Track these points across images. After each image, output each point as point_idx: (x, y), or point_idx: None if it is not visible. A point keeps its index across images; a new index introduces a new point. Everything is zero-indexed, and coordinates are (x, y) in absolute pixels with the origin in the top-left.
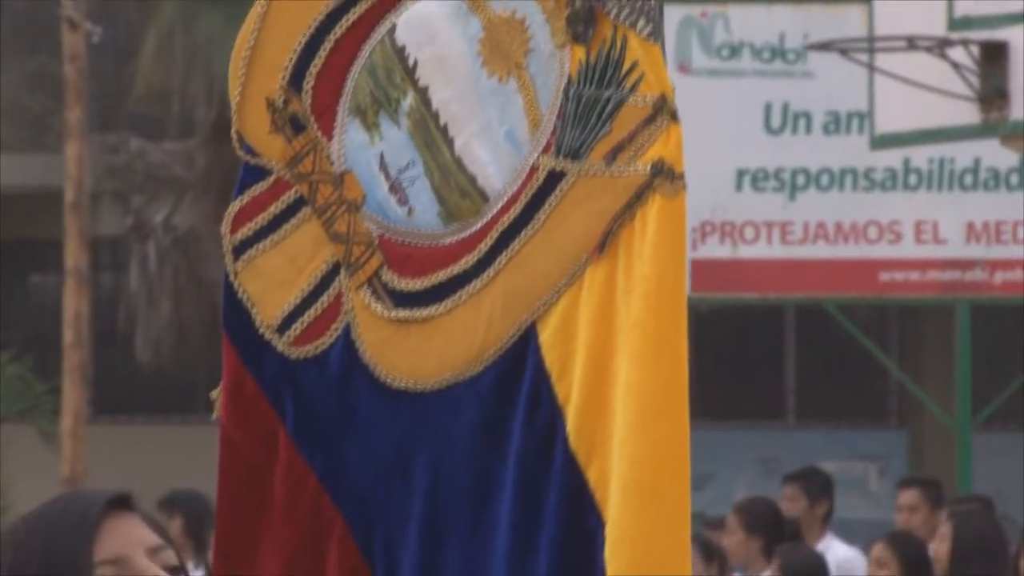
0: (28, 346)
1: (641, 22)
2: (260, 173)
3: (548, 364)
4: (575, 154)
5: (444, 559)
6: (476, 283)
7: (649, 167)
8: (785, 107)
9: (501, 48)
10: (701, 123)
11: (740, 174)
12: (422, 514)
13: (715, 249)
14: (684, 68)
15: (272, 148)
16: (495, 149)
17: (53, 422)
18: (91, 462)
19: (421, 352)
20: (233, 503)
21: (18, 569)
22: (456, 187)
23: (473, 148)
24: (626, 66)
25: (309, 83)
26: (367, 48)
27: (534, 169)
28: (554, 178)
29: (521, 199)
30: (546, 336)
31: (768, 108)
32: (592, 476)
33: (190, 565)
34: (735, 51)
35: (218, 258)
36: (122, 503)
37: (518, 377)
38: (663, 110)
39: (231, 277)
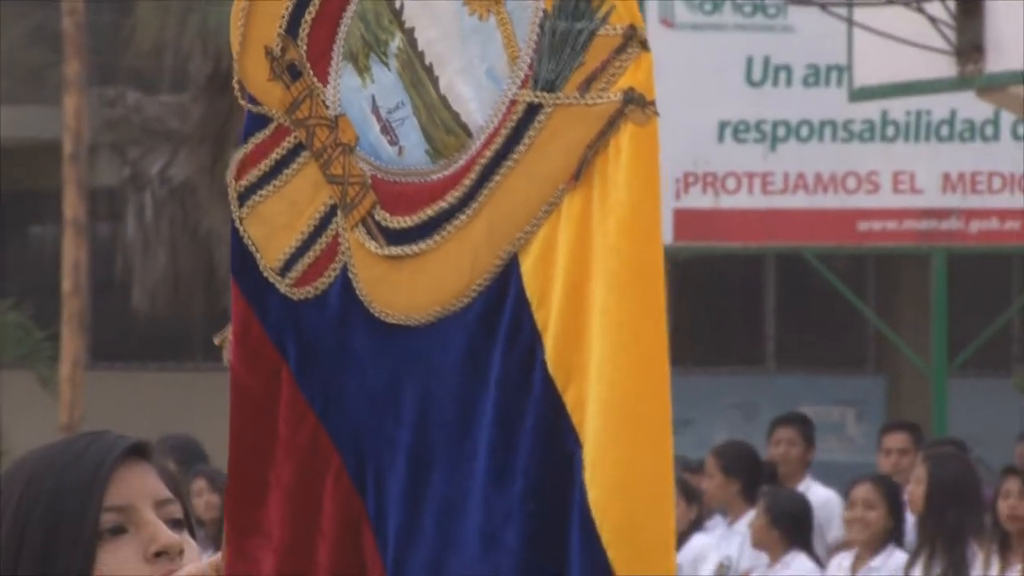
0: (28, 294)
1: None
2: (262, 121)
3: (529, 292)
4: (551, 86)
5: (429, 486)
6: (462, 217)
7: (621, 95)
8: (766, 60)
9: None
10: (684, 76)
11: (722, 126)
12: (410, 444)
13: (697, 199)
14: (667, 22)
15: (271, 96)
16: (477, 86)
17: (52, 368)
18: (89, 408)
19: (413, 287)
20: (243, 444)
21: (28, 502)
22: (442, 124)
23: (456, 85)
24: None
25: (304, 31)
26: None
27: (513, 103)
28: (532, 110)
29: (502, 133)
30: (527, 265)
31: (749, 61)
32: (569, 400)
33: None
34: (717, 5)
35: (212, 208)
36: (139, 452)
37: (500, 306)
38: (633, 39)
39: (237, 224)
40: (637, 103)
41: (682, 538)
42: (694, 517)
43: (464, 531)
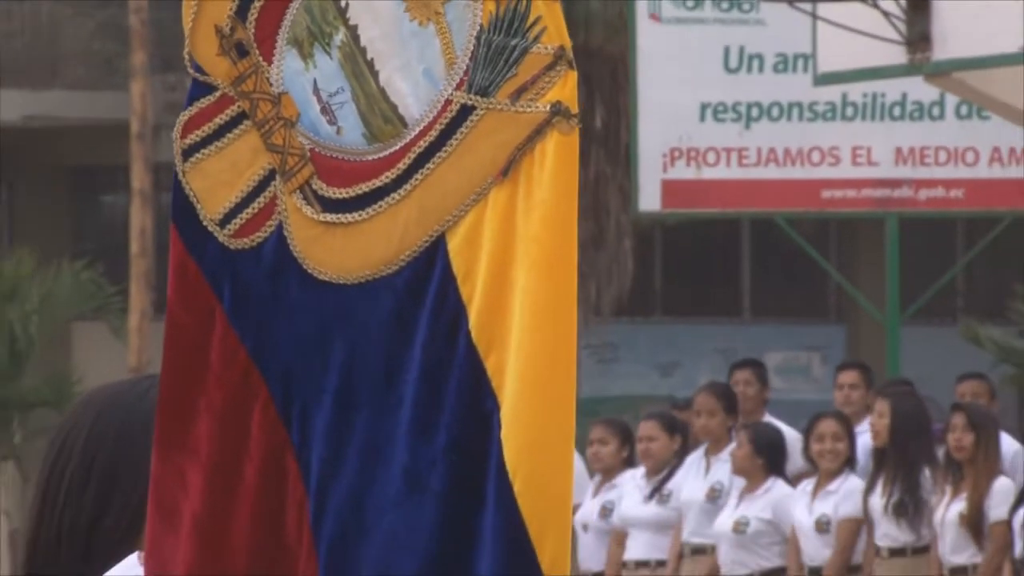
0: (100, 255)
1: None
2: (207, 89)
3: (455, 268)
4: (484, 92)
5: (353, 427)
6: (394, 196)
7: (549, 107)
8: (741, 50)
9: None
10: (669, 64)
11: (703, 107)
12: (336, 387)
13: (682, 171)
14: (655, 17)
15: (219, 68)
16: (414, 83)
17: (121, 319)
18: (153, 354)
19: (345, 251)
20: (175, 371)
21: (98, 435)
22: (380, 113)
23: (395, 81)
24: (531, 19)
25: (253, 15)
26: None
27: (448, 102)
28: (465, 111)
29: (436, 127)
30: (453, 244)
31: (727, 51)
32: (490, 366)
33: None
34: (698, 2)
35: None
36: None
37: (428, 277)
38: (562, 59)
39: (180, 176)
40: (563, 115)
41: (665, 465)
42: (677, 448)
43: (388, 471)
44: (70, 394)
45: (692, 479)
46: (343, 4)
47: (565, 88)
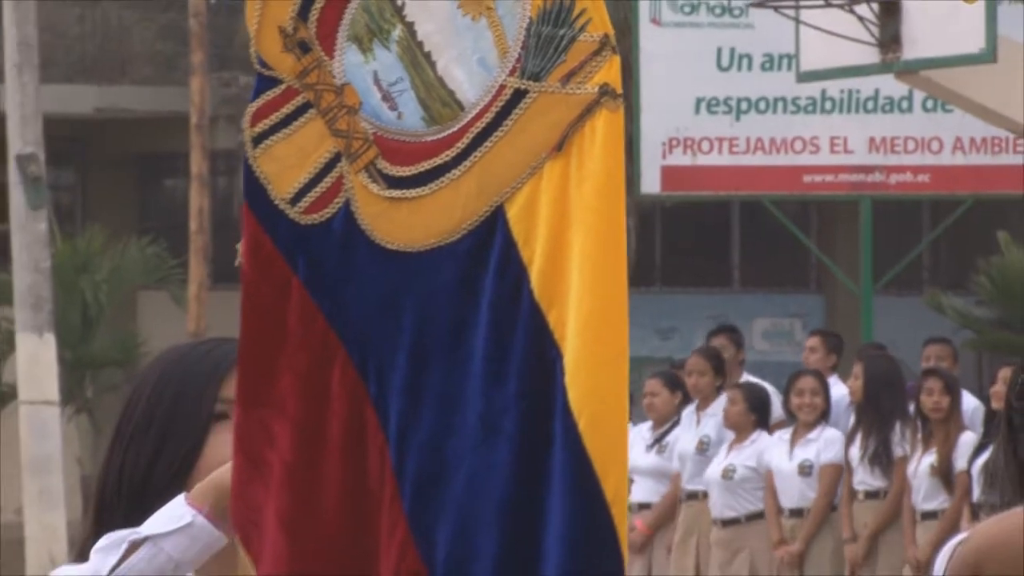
0: (163, 232)
1: None
2: (272, 82)
3: (515, 234)
4: (536, 77)
5: (427, 380)
6: (455, 172)
7: (597, 88)
8: (732, 51)
9: None
10: (669, 62)
11: (698, 101)
12: (409, 345)
13: (679, 158)
14: (656, 21)
15: (283, 64)
16: (469, 71)
17: (181, 289)
18: (210, 319)
19: (410, 224)
20: (254, 336)
21: (161, 387)
22: (438, 98)
23: (452, 69)
24: (576, 12)
25: (314, 16)
26: None
27: (502, 87)
28: (518, 95)
29: (492, 110)
30: (513, 213)
31: (719, 51)
32: (552, 319)
33: None
34: (695, 8)
35: None
36: None
37: (489, 244)
38: (607, 45)
39: (250, 161)
40: (610, 95)
41: (668, 418)
42: (678, 402)
43: (464, 419)
44: (135, 355)
45: (685, 433)
46: (399, 3)
47: (611, 71)
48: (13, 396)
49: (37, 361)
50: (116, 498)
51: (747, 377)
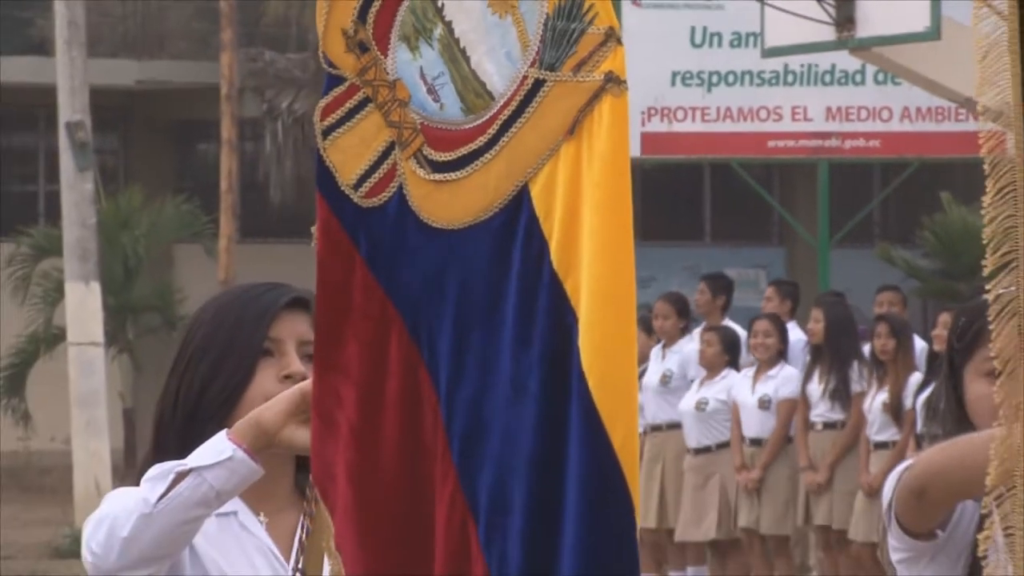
0: (197, 191)
1: None
2: (338, 80)
3: (537, 210)
4: (552, 67)
5: (469, 345)
6: (487, 156)
7: (603, 76)
8: (704, 30)
9: None
10: (648, 40)
11: (674, 75)
12: (453, 313)
13: (657, 126)
14: (636, 2)
15: (346, 63)
16: (498, 64)
17: (213, 243)
18: (239, 270)
19: (451, 204)
20: (327, 307)
21: (217, 322)
22: (472, 90)
23: (483, 63)
24: (585, 7)
25: (371, 18)
26: None
27: (524, 78)
28: (538, 84)
29: (516, 98)
30: (535, 191)
31: (693, 30)
32: (568, 287)
33: None
34: None
35: None
36: (301, 303)
37: (517, 219)
38: (612, 37)
39: (321, 152)
40: (615, 82)
41: (642, 359)
42: (654, 344)
43: (499, 379)
44: (172, 301)
45: (651, 367)
46: (440, 4)
47: (615, 60)
48: (62, 338)
49: (84, 307)
50: (172, 418)
51: (726, 321)
